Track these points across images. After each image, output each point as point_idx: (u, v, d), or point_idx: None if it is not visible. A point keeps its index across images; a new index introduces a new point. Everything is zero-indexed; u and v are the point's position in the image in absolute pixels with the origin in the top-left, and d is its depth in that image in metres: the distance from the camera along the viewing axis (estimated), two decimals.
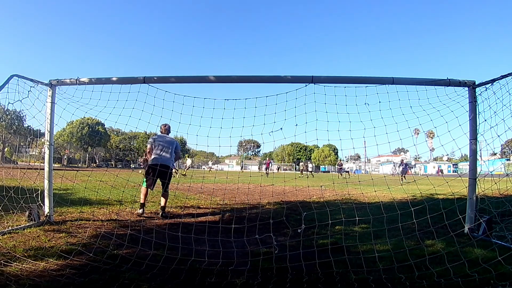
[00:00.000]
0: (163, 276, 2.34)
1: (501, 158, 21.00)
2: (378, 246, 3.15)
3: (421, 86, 3.61)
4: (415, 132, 15.80)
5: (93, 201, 5.78)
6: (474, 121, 3.63)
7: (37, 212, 3.85)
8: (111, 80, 3.79)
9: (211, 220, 4.57)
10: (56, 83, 3.97)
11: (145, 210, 5.15)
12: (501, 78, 3.31)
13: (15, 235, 3.27)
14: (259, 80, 3.86)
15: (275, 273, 2.41)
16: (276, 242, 3.22)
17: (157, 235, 3.28)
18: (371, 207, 4.82)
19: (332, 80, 3.55)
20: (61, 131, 40.47)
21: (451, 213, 3.42)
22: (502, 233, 3.42)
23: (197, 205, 6.05)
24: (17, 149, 33.94)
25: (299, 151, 64.65)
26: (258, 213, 5.04)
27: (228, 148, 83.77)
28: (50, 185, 3.98)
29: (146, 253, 2.81)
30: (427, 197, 6.94)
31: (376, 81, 3.56)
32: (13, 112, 29.63)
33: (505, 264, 2.39)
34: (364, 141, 6.29)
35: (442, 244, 3.21)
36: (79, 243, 3.03)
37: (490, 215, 3.52)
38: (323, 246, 3.12)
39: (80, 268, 2.41)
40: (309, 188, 9.67)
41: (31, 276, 2.20)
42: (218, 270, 2.46)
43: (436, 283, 2.21)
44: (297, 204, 5.54)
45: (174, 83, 3.76)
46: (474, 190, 3.61)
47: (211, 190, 8.96)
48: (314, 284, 2.21)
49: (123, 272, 2.37)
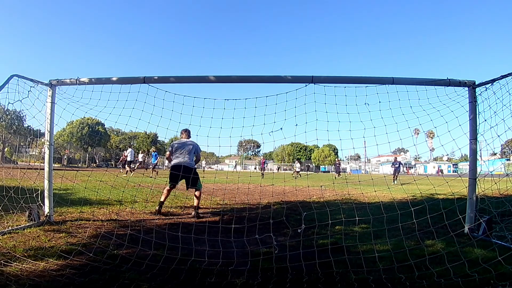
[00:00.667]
0: (163, 276, 2.34)
1: (501, 158, 20.99)
2: (378, 246, 3.15)
3: (421, 86, 3.61)
4: (415, 132, 15.71)
5: (93, 201, 5.78)
6: (474, 121, 3.63)
7: (37, 212, 3.85)
8: (111, 80, 3.79)
9: (211, 220, 4.57)
10: (56, 83, 3.97)
11: (145, 210, 5.17)
12: (501, 78, 3.31)
13: (15, 235, 3.27)
14: (259, 80, 3.86)
15: (275, 273, 2.40)
16: (276, 242, 3.22)
17: (157, 235, 3.28)
18: (371, 207, 4.82)
19: (332, 80, 3.55)
20: (61, 131, 40.44)
21: (451, 213, 3.42)
22: (502, 233, 3.42)
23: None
24: (17, 149, 33.96)
25: (299, 151, 64.60)
26: (258, 213, 5.04)
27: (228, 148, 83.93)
28: (50, 185, 3.98)
29: (146, 253, 2.81)
30: (427, 197, 6.94)
31: (376, 81, 3.56)
32: (13, 112, 29.63)
33: (505, 264, 2.38)
34: (364, 141, 6.28)
35: (442, 244, 3.21)
36: (79, 243, 3.03)
37: (490, 215, 3.52)
38: (323, 246, 3.12)
39: (80, 268, 2.41)
40: (309, 188, 9.67)
41: (31, 276, 2.20)
42: (218, 270, 2.46)
43: (436, 283, 2.21)
44: (297, 204, 5.54)
45: (174, 83, 3.76)
46: (474, 190, 3.61)
47: (211, 190, 8.96)
48: (314, 284, 2.21)
49: (123, 272, 2.37)
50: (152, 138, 54.02)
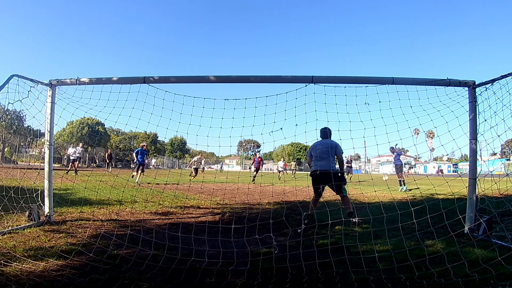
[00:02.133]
0: (163, 276, 2.34)
1: (501, 158, 21.00)
2: (378, 246, 3.15)
3: (421, 86, 3.61)
4: (415, 132, 15.15)
5: (93, 201, 5.78)
6: (474, 121, 3.63)
7: (37, 212, 3.85)
8: (111, 80, 3.79)
9: (211, 220, 4.57)
10: (56, 83, 3.98)
11: (145, 210, 5.16)
12: (501, 78, 3.31)
13: (15, 235, 3.27)
14: (259, 80, 3.86)
15: (275, 273, 2.40)
16: (276, 242, 3.22)
17: (157, 235, 3.28)
18: (371, 207, 4.82)
19: (332, 80, 3.55)
20: (61, 131, 40.47)
21: (451, 213, 3.42)
22: (502, 233, 3.42)
23: (197, 205, 6.04)
24: (17, 149, 33.91)
25: (299, 151, 64.57)
26: (258, 213, 5.04)
27: (228, 148, 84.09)
28: (50, 185, 3.98)
29: (146, 253, 2.80)
30: (427, 197, 6.94)
31: (376, 81, 3.56)
32: (13, 112, 29.63)
33: (505, 264, 2.38)
34: (364, 141, 6.28)
35: (442, 244, 3.21)
36: (79, 243, 3.03)
37: (490, 215, 3.52)
38: (323, 246, 3.12)
39: (80, 268, 2.41)
40: (309, 188, 9.65)
41: (31, 276, 2.20)
42: (218, 270, 2.46)
43: (436, 283, 2.21)
44: (297, 204, 5.54)
45: (174, 83, 3.77)
46: (474, 190, 3.61)
47: (211, 190, 8.96)
48: (314, 284, 2.21)
49: (123, 272, 2.37)
50: (152, 138, 54.01)
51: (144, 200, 6.21)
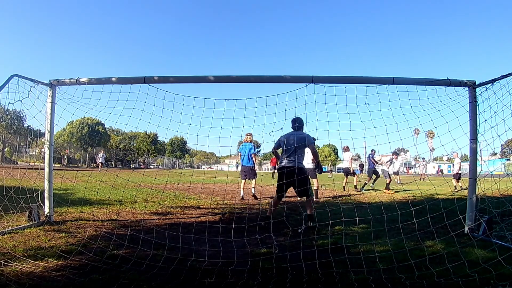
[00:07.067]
0: (163, 276, 2.34)
1: (501, 158, 20.99)
2: (378, 246, 3.15)
3: (421, 86, 3.61)
4: (415, 132, 15.15)
5: (93, 201, 5.78)
6: (474, 121, 3.63)
7: (37, 212, 3.85)
8: (111, 80, 3.79)
9: (211, 220, 4.57)
10: (56, 83, 3.97)
11: (145, 210, 5.17)
12: (501, 78, 3.31)
13: (15, 235, 3.27)
14: (259, 80, 3.86)
15: (275, 273, 2.40)
16: (276, 242, 3.22)
17: (157, 235, 3.28)
18: (371, 207, 4.82)
19: (332, 80, 3.55)
20: (61, 131, 40.41)
21: (451, 213, 3.42)
22: (502, 233, 3.42)
23: (197, 205, 6.04)
24: (17, 149, 33.91)
25: None
26: (258, 213, 5.03)
27: (228, 148, 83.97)
28: (50, 185, 3.98)
29: (146, 253, 2.80)
30: (427, 197, 6.94)
31: (376, 81, 3.56)
32: (13, 112, 29.60)
33: (505, 264, 2.38)
34: (364, 141, 6.29)
35: (442, 244, 3.21)
36: (79, 243, 3.03)
37: (490, 215, 3.52)
38: (323, 246, 3.12)
39: (80, 268, 2.41)
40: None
41: (31, 276, 2.20)
42: (218, 270, 2.46)
43: (436, 283, 2.21)
44: (297, 204, 5.53)
45: (174, 83, 3.76)
46: (474, 190, 3.61)
47: (211, 190, 8.96)
48: (314, 284, 2.21)
49: (123, 272, 2.37)
50: (152, 138, 54.03)
51: (144, 200, 6.21)
